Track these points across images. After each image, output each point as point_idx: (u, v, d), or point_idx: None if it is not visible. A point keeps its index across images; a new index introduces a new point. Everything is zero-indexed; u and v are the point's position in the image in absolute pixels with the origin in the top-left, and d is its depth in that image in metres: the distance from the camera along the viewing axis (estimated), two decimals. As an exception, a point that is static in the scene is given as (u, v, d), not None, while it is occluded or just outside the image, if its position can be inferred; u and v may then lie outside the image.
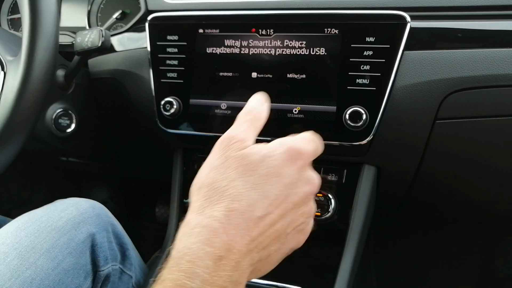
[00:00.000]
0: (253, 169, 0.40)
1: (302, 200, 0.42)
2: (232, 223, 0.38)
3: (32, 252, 0.56)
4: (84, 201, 0.65)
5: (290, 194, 0.41)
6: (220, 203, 0.39)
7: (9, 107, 0.65)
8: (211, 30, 0.77)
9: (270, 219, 0.39)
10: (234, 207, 0.38)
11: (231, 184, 0.40)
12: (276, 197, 0.40)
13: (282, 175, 0.41)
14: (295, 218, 0.42)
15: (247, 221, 0.38)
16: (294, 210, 0.42)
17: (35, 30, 0.64)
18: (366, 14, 0.70)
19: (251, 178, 0.40)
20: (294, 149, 0.43)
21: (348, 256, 0.75)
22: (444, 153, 0.75)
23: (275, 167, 0.41)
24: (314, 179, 0.45)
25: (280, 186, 0.40)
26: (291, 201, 0.41)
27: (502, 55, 0.66)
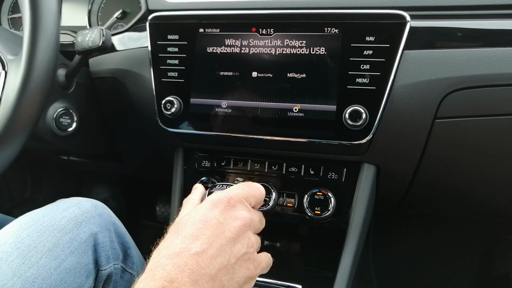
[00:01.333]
0: (184, 225, 0.49)
1: (236, 234, 0.49)
2: (170, 262, 0.45)
3: (34, 251, 0.56)
4: (86, 201, 0.66)
5: (222, 232, 0.48)
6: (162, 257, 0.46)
7: (10, 106, 0.65)
8: (211, 30, 0.78)
9: (209, 254, 0.46)
10: (170, 253, 0.46)
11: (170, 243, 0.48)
12: (208, 237, 0.47)
13: (207, 219, 0.49)
14: (235, 250, 0.48)
15: (184, 258, 0.45)
16: (231, 244, 0.48)
17: (36, 29, 0.65)
18: (366, 14, 0.70)
19: (183, 232, 0.48)
20: (214, 199, 0.52)
21: (347, 254, 0.76)
22: (443, 151, 0.75)
23: (200, 217, 0.49)
24: (243, 215, 0.51)
25: (208, 228, 0.48)
26: (225, 236, 0.48)
27: (502, 54, 0.66)
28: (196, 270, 0.44)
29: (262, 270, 0.53)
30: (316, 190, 0.78)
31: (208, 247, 0.46)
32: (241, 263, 0.49)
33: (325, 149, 0.76)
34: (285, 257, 0.85)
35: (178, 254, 0.45)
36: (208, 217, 0.49)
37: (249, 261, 0.50)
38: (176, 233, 0.49)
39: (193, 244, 0.46)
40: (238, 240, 0.49)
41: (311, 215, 0.78)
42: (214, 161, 0.86)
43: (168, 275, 0.43)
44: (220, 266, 0.46)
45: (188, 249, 0.46)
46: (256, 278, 0.51)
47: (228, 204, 0.51)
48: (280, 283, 0.76)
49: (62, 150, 1.08)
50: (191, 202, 0.56)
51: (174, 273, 0.43)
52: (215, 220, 0.49)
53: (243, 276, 0.48)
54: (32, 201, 1.45)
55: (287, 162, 0.82)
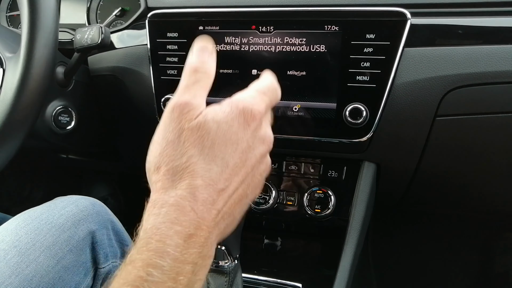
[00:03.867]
0: (211, 140, 0.40)
1: (258, 161, 0.43)
2: (198, 199, 0.37)
3: (32, 249, 0.56)
4: (84, 199, 0.65)
5: (248, 159, 0.41)
6: (182, 180, 0.38)
7: (8, 104, 0.65)
8: (211, 27, 0.77)
9: (232, 187, 0.40)
10: (198, 184, 0.38)
11: (190, 160, 0.39)
12: (235, 165, 0.40)
13: (239, 140, 0.41)
14: (253, 179, 0.43)
15: (212, 195, 0.38)
16: (252, 172, 0.42)
17: (34, 27, 0.64)
18: (367, 11, 0.70)
19: (210, 150, 0.39)
20: (247, 110, 0.42)
21: (348, 252, 0.75)
22: (444, 149, 0.75)
23: (232, 134, 0.40)
24: (269, 136, 0.44)
25: (238, 153, 0.40)
26: (249, 164, 0.42)
27: (503, 51, 0.66)
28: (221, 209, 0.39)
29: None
30: (316, 188, 0.78)
31: (233, 177, 0.40)
32: (252, 189, 0.43)
33: (325, 147, 0.76)
34: (285, 255, 0.85)
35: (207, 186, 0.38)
36: (239, 138, 0.41)
37: (258, 187, 0.44)
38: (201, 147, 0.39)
39: (222, 175, 0.39)
40: (259, 167, 0.43)
41: (311, 213, 0.77)
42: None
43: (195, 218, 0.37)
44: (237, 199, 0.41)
45: (216, 181, 0.39)
46: None
47: (259, 122, 0.43)
48: (281, 281, 0.76)
49: (61, 148, 1.08)
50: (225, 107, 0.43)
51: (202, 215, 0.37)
52: (246, 143, 0.41)
53: (247, 203, 0.44)
54: (31, 199, 1.45)
55: (287, 160, 0.82)
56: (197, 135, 0.40)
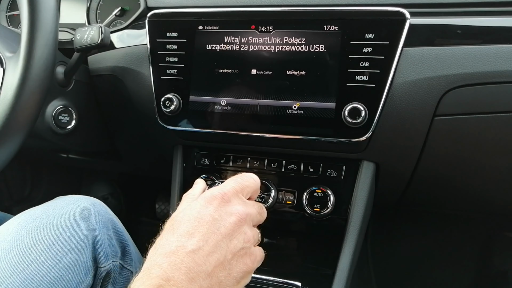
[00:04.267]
0: (180, 222, 0.49)
1: (232, 230, 0.49)
2: (166, 261, 0.45)
3: (33, 248, 0.56)
4: (85, 198, 0.66)
5: (217, 228, 0.48)
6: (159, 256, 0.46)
7: (8, 104, 0.65)
8: (210, 27, 0.77)
9: (205, 251, 0.46)
10: (166, 251, 0.46)
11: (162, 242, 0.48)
12: (203, 234, 0.47)
13: (202, 216, 0.49)
14: (231, 246, 0.48)
15: (180, 256, 0.45)
16: (227, 240, 0.48)
17: (34, 26, 0.64)
18: (366, 11, 0.70)
19: (178, 230, 0.48)
20: (208, 195, 0.51)
21: (347, 251, 0.76)
22: (443, 149, 0.75)
23: (195, 214, 0.49)
24: (238, 210, 0.50)
25: (203, 225, 0.48)
26: (220, 233, 0.48)
27: (501, 51, 0.66)
28: (193, 267, 0.44)
29: (259, 262, 0.53)
30: (315, 187, 0.78)
31: (204, 244, 0.46)
32: (238, 259, 0.49)
33: (324, 146, 0.76)
34: (285, 254, 0.85)
35: (174, 252, 0.45)
36: (203, 214, 0.49)
37: (246, 255, 0.50)
38: (172, 231, 0.49)
39: (188, 242, 0.46)
40: (234, 235, 0.49)
41: (310, 212, 0.78)
42: (213, 159, 0.86)
43: (164, 274, 0.43)
44: (216, 262, 0.46)
45: (184, 246, 0.46)
46: (253, 271, 0.51)
47: (222, 200, 0.51)
48: (280, 280, 0.76)
49: (61, 147, 1.08)
50: (189, 197, 0.56)
51: (171, 271, 0.44)
52: (210, 217, 0.49)
53: (240, 271, 0.48)
54: (32, 199, 1.45)
55: (286, 160, 0.82)
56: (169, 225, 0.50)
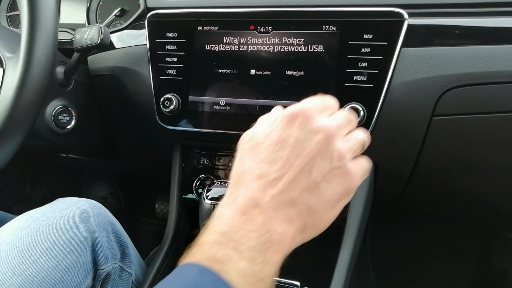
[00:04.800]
0: (261, 148, 0.45)
1: (318, 150, 0.44)
2: (251, 185, 0.43)
3: (33, 250, 0.56)
4: (84, 201, 0.66)
5: (301, 151, 0.43)
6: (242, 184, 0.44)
7: (8, 104, 0.66)
8: (209, 28, 0.78)
9: (288, 178, 0.42)
10: (249, 179, 0.43)
11: (245, 168, 0.45)
12: (286, 159, 0.43)
13: (284, 139, 0.44)
14: (319, 168, 0.43)
15: (264, 185, 0.42)
16: (313, 162, 0.43)
17: (34, 27, 0.65)
18: (364, 12, 0.70)
19: (260, 156, 0.44)
20: (288, 113, 0.46)
21: (345, 250, 0.76)
22: (441, 149, 0.75)
23: (275, 136, 0.45)
24: (324, 126, 0.45)
25: (286, 149, 0.44)
26: (305, 155, 0.43)
27: (499, 52, 0.66)
28: (277, 195, 0.42)
29: (362, 178, 0.48)
30: (314, 187, 0.79)
31: (288, 169, 0.43)
32: (330, 180, 0.44)
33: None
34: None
35: (258, 180, 0.43)
36: (285, 137, 0.44)
37: (340, 175, 0.44)
38: (253, 156, 0.45)
39: (271, 169, 0.43)
40: (322, 155, 0.43)
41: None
42: (212, 159, 0.87)
43: (249, 201, 0.42)
44: (302, 187, 0.43)
45: (267, 174, 0.43)
46: (354, 191, 0.46)
47: (305, 117, 0.45)
48: (279, 279, 0.77)
49: (61, 147, 1.09)
50: (266, 120, 0.49)
51: (255, 199, 0.42)
52: (293, 138, 0.44)
53: (334, 194, 0.44)
54: (31, 198, 1.45)
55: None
56: (248, 150, 0.46)
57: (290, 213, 0.42)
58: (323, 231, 0.46)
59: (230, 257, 0.39)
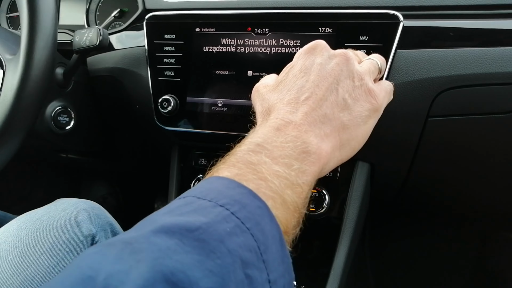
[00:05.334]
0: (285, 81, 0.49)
1: (339, 71, 0.48)
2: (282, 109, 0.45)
3: (33, 250, 0.57)
4: (84, 202, 0.67)
5: (325, 73, 0.47)
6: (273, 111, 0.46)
7: (8, 105, 0.66)
8: (207, 29, 0.78)
9: (318, 96, 0.45)
10: (279, 106, 0.46)
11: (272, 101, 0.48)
12: (312, 81, 0.47)
13: (308, 67, 0.48)
14: (344, 86, 0.47)
15: (295, 104, 0.45)
16: (337, 81, 0.47)
17: (34, 29, 0.65)
18: (360, 13, 0.71)
19: (285, 87, 0.48)
20: (307, 47, 0.51)
21: (342, 250, 0.76)
22: (437, 150, 0.76)
23: (299, 67, 0.49)
24: (339, 52, 0.49)
25: (311, 73, 0.47)
26: (329, 75, 0.47)
27: (494, 53, 0.67)
28: (310, 112, 0.44)
29: (386, 97, 0.52)
30: (311, 187, 0.79)
31: (315, 89, 0.46)
32: (356, 97, 0.47)
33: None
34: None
35: (288, 103, 0.45)
36: (307, 64, 0.48)
37: (365, 93, 0.48)
38: (279, 91, 0.48)
39: (300, 92, 0.46)
40: (344, 74, 0.48)
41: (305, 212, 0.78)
42: (210, 159, 0.87)
43: (283, 118, 0.43)
44: (332, 104, 0.45)
45: (296, 97, 0.45)
46: (381, 109, 0.51)
47: (322, 47, 0.50)
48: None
49: (60, 147, 1.09)
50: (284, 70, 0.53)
51: (288, 117, 0.44)
52: (316, 64, 0.48)
53: (363, 110, 0.48)
54: (31, 198, 1.46)
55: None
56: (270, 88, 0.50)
57: (324, 129, 0.44)
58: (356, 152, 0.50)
59: (265, 161, 0.40)
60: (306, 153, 0.42)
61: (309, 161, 0.42)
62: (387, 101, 0.52)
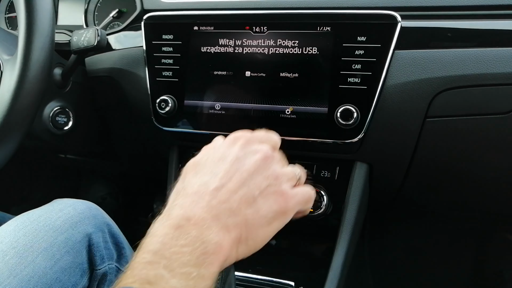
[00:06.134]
0: (203, 165, 0.49)
1: (256, 168, 0.47)
2: (188, 197, 0.44)
3: (30, 251, 0.57)
4: (81, 202, 0.66)
5: (240, 166, 0.47)
6: (180, 197, 0.46)
7: (6, 105, 0.66)
8: (205, 29, 0.78)
9: (228, 188, 0.45)
10: (188, 192, 0.45)
11: (185, 184, 0.48)
12: (226, 172, 0.46)
13: (226, 156, 0.48)
14: (257, 182, 0.46)
15: (203, 195, 0.44)
16: (251, 177, 0.46)
17: (31, 29, 0.65)
18: (358, 14, 0.71)
19: (201, 171, 0.48)
20: (231, 136, 0.51)
21: (340, 251, 0.76)
22: (434, 150, 0.76)
23: (217, 154, 0.49)
24: (263, 148, 0.49)
25: (227, 163, 0.47)
26: (244, 170, 0.47)
27: (491, 54, 0.67)
28: (215, 205, 0.43)
29: (299, 204, 0.49)
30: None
31: (227, 181, 0.45)
32: (267, 196, 0.46)
33: (317, 147, 0.77)
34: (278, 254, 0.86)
35: (196, 192, 0.44)
36: (227, 155, 0.48)
37: (276, 194, 0.47)
38: (195, 173, 0.48)
39: (211, 180, 0.45)
40: (259, 172, 0.47)
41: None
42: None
43: (185, 213, 0.42)
44: (241, 199, 0.45)
45: (206, 185, 0.45)
46: (291, 213, 0.48)
47: (246, 140, 0.50)
48: (273, 280, 0.77)
49: (59, 148, 1.09)
50: (209, 146, 0.53)
51: (191, 210, 0.42)
52: (234, 156, 0.48)
53: (270, 211, 0.46)
54: (30, 199, 1.46)
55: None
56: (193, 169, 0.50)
57: (228, 222, 0.43)
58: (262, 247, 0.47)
59: (162, 275, 0.38)
60: (205, 254, 0.41)
61: (208, 263, 0.40)
62: (300, 207, 0.50)
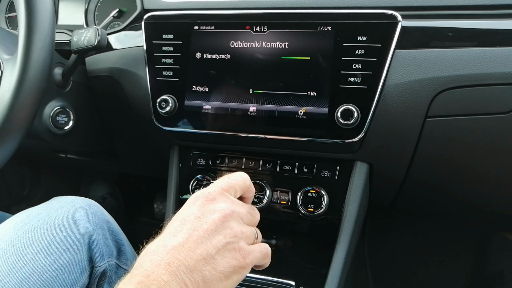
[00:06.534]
0: (167, 226, 0.51)
1: (215, 226, 0.50)
2: (147, 259, 0.46)
3: (29, 248, 0.57)
4: (81, 199, 0.67)
5: (199, 225, 0.49)
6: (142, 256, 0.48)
7: (6, 105, 0.66)
8: (205, 29, 0.78)
9: (186, 247, 0.47)
10: (149, 251, 0.48)
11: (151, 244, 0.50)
12: (185, 231, 0.49)
13: (185, 217, 0.51)
14: (214, 241, 0.49)
15: (161, 254, 0.46)
16: (210, 235, 0.49)
17: (31, 29, 0.65)
18: (358, 14, 0.71)
19: (164, 232, 0.50)
20: (192, 196, 0.53)
21: (340, 250, 0.76)
22: (435, 150, 0.76)
23: (180, 216, 0.51)
24: (221, 207, 0.52)
25: (187, 224, 0.50)
26: (202, 229, 0.49)
27: (491, 54, 0.67)
28: (173, 262, 0.45)
29: (257, 259, 0.52)
30: (310, 187, 0.79)
31: (185, 240, 0.47)
32: (224, 253, 0.49)
33: (318, 147, 0.77)
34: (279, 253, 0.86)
35: (155, 251, 0.47)
36: (186, 214, 0.51)
37: (234, 250, 0.50)
38: (161, 233, 0.51)
39: (170, 240, 0.48)
40: (217, 231, 0.49)
41: (304, 212, 0.78)
42: (209, 159, 0.87)
43: (144, 271, 0.45)
44: (199, 257, 0.47)
45: (165, 245, 0.47)
46: (249, 267, 0.51)
47: (206, 199, 0.52)
48: (273, 279, 0.77)
49: (59, 148, 1.09)
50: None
51: (151, 268, 0.45)
52: (193, 216, 0.50)
53: (228, 266, 0.49)
54: (31, 198, 1.46)
55: (281, 160, 0.83)
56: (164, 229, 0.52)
57: (185, 279, 0.45)
58: None
59: None
60: None
61: None
62: (257, 261, 0.53)
